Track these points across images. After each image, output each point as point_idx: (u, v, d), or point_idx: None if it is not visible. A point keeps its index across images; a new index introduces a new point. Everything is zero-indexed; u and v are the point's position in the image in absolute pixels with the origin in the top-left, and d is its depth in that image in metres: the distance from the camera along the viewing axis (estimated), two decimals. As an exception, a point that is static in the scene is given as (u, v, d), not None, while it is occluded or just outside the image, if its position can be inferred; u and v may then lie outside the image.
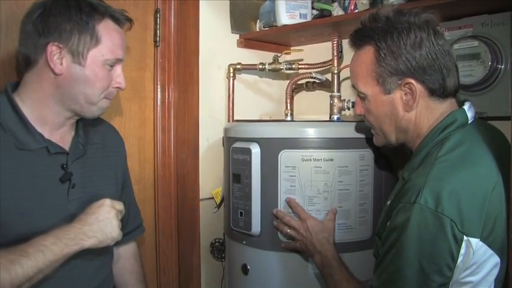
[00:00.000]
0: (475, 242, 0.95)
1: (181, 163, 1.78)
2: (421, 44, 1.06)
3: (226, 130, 1.63)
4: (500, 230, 0.98)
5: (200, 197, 1.85)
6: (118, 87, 1.18)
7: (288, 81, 1.90)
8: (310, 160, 1.37)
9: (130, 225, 1.41)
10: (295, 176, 1.38)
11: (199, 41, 1.83)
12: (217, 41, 1.91)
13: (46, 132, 1.12)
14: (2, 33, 1.35)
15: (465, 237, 0.94)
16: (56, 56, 1.08)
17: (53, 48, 1.08)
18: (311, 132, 1.39)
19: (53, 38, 1.08)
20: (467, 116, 1.09)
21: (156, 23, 1.73)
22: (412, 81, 1.07)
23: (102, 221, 1.09)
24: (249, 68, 1.92)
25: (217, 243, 1.87)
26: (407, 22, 1.08)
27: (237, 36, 1.98)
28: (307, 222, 1.33)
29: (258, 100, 2.08)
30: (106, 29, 1.12)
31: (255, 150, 1.42)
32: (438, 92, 1.08)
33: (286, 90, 1.88)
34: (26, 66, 1.12)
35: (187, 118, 1.80)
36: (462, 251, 0.95)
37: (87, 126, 1.25)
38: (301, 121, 1.84)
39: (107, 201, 1.12)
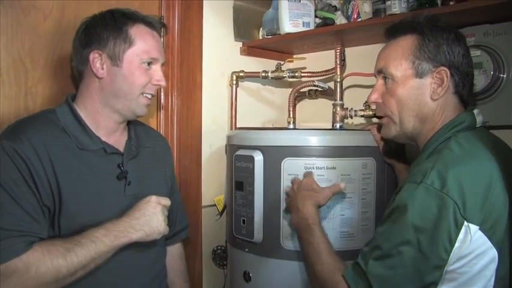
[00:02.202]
0: (474, 229, 0.97)
1: (183, 170, 1.78)
2: (459, 43, 1.14)
3: (229, 137, 1.63)
4: (503, 225, 1.01)
5: (202, 204, 1.85)
6: (157, 84, 1.29)
7: (291, 89, 1.90)
8: (313, 168, 1.37)
9: (177, 227, 1.53)
10: (298, 183, 1.38)
11: (202, 48, 1.84)
12: (220, 49, 1.92)
13: (102, 136, 1.26)
14: (3, 37, 1.37)
15: (465, 223, 0.97)
16: (98, 62, 1.23)
17: (95, 55, 1.22)
18: (314, 141, 1.39)
19: (93, 47, 1.23)
20: (475, 119, 1.13)
21: (159, 30, 1.74)
22: (447, 69, 1.12)
23: (149, 216, 1.19)
24: (252, 76, 1.93)
25: (219, 251, 1.87)
26: (449, 24, 1.16)
27: (240, 44, 1.99)
28: (303, 180, 1.32)
29: (261, 108, 2.08)
30: (139, 32, 1.25)
31: (258, 158, 1.43)
32: (461, 92, 1.14)
33: (289, 98, 1.88)
34: (79, 77, 1.29)
35: (190, 125, 1.80)
36: (460, 236, 0.97)
37: (139, 132, 1.40)
38: (304, 129, 1.85)
39: (153, 198, 1.22)
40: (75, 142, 1.20)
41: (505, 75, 1.43)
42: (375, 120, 1.63)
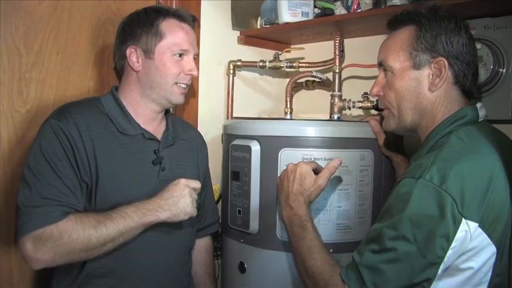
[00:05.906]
0: (473, 226, 0.96)
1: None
2: (460, 32, 1.12)
3: (225, 127, 1.62)
4: (504, 220, 1.00)
5: (197, 194, 1.84)
6: (189, 74, 1.38)
7: (288, 80, 1.89)
8: (311, 159, 1.36)
9: (208, 221, 1.60)
10: (295, 174, 1.36)
11: (200, 37, 1.81)
12: (218, 37, 1.90)
13: (141, 123, 1.36)
14: (1, 25, 1.34)
15: (464, 220, 0.95)
16: (134, 56, 1.34)
17: (131, 50, 1.34)
18: (312, 131, 1.38)
19: (129, 43, 1.34)
20: (478, 113, 1.11)
21: (157, 18, 1.72)
22: (444, 60, 1.10)
23: (176, 197, 1.26)
24: (249, 65, 1.91)
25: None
26: (450, 13, 1.14)
27: (237, 33, 1.97)
28: (298, 168, 1.24)
29: (257, 98, 2.07)
30: (169, 26, 1.34)
31: (255, 148, 1.42)
32: (462, 83, 1.12)
33: (287, 89, 1.87)
34: (121, 71, 1.42)
35: (186, 114, 1.78)
36: (459, 233, 0.95)
37: (177, 125, 1.49)
38: (302, 120, 1.83)
39: (182, 180, 1.29)
40: (116, 126, 1.31)
41: (504, 70, 1.42)
42: (373, 112, 1.62)
